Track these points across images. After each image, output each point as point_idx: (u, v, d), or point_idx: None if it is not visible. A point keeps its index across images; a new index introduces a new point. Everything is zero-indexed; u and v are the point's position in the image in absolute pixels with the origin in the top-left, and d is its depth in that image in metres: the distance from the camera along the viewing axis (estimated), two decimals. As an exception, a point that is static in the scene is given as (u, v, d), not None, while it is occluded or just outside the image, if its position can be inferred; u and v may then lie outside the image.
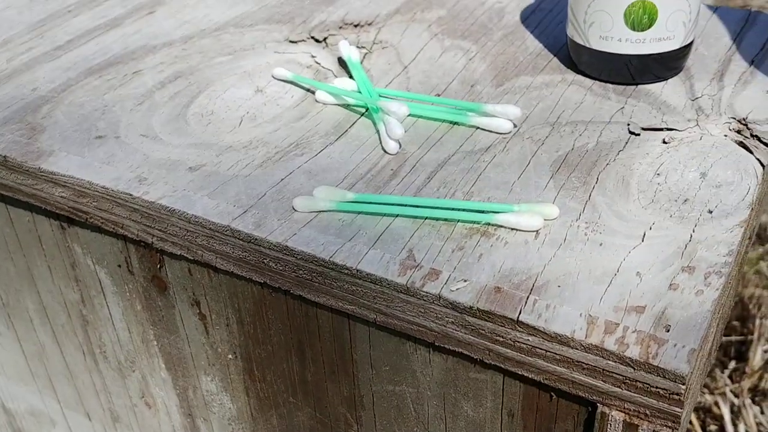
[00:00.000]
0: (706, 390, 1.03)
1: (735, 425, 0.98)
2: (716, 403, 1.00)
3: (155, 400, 0.62)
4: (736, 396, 1.01)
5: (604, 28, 0.55)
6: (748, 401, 0.99)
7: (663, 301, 0.40)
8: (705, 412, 1.01)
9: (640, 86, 0.58)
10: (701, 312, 0.39)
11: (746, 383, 1.03)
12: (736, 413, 0.99)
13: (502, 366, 0.41)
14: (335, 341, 0.48)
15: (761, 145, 0.51)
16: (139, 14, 0.71)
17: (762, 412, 0.99)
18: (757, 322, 1.12)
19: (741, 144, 0.51)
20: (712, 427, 0.99)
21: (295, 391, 0.52)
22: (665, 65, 0.57)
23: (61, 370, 0.67)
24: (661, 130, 0.53)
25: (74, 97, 0.59)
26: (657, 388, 0.37)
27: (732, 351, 1.11)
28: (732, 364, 1.07)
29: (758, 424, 0.97)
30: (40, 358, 0.68)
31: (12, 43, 0.67)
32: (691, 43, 0.57)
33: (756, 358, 1.06)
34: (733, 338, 1.11)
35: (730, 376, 1.06)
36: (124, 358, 0.60)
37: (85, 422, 0.70)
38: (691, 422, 0.99)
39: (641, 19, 0.54)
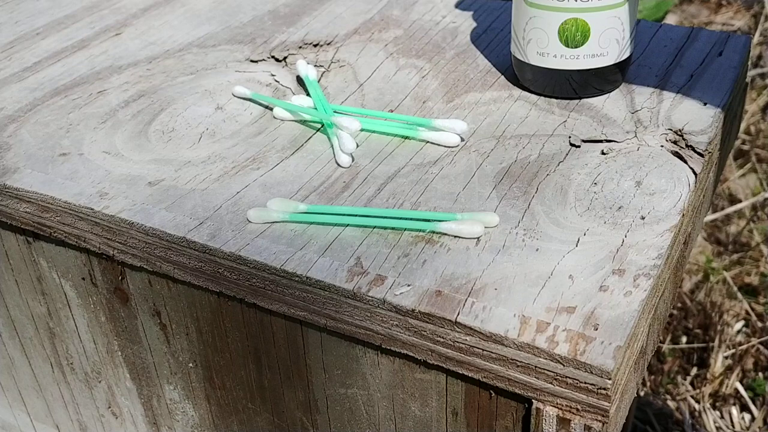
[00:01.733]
0: (668, 396, 1.06)
1: (696, 430, 1.00)
2: (677, 409, 1.03)
3: (121, 410, 0.63)
4: (697, 402, 1.04)
5: (541, 45, 0.58)
6: (708, 406, 1.02)
7: (593, 302, 0.42)
8: (667, 418, 1.03)
9: (582, 101, 0.60)
10: (629, 311, 0.42)
11: (707, 389, 1.05)
12: (696, 418, 1.02)
13: (444, 366, 0.44)
14: (289, 347, 0.50)
15: (695, 154, 0.54)
16: (106, 35, 0.73)
17: (722, 417, 1.02)
18: (719, 329, 1.15)
19: (676, 154, 0.54)
20: (675, 432, 1.02)
21: (254, 397, 0.54)
22: (602, 80, 0.59)
23: (30, 383, 0.69)
24: (601, 141, 0.56)
25: (40, 116, 0.61)
26: (585, 383, 0.40)
27: (694, 358, 1.13)
28: (694, 371, 1.10)
29: (717, 428, 1.00)
30: (9, 372, 0.69)
31: (-20, 64, 0.69)
32: (628, 59, 0.60)
33: (717, 365, 1.09)
34: (696, 345, 1.14)
35: (691, 383, 1.08)
36: (91, 369, 0.62)
37: (54, 434, 0.72)
38: (654, 427, 1.01)
39: (574, 36, 0.57)
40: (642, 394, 1.06)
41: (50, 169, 0.55)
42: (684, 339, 1.16)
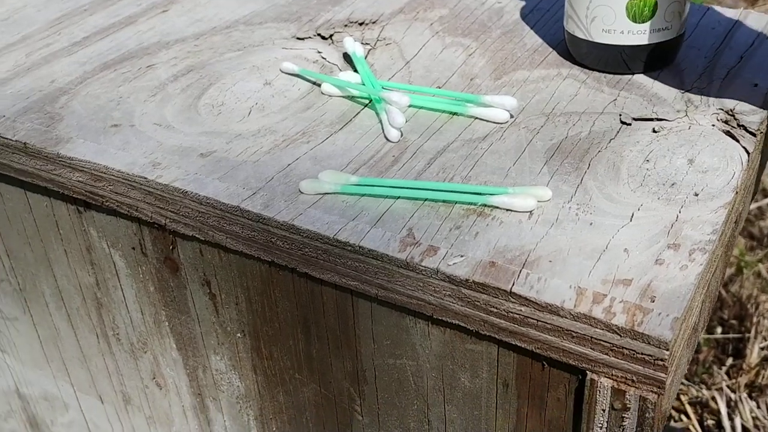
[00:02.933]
0: (703, 386, 1.05)
1: (731, 419, 0.99)
2: (713, 398, 1.02)
3: (166, 381, 0.64)
4: (733, 391, 1.03)
5: (607, 22, 0.57)
6: (744, 396, 1.01)
7: (649, 275, 0.42)
8: (702, 407, 1.03)
9: (632, 80, 0.60)
10: (685, 284, 0.42)
11: (743, 379, 1.05)
12: (732, 408, 1.01)
13: (497, 336, 0.44)
14: (339, 317, 0.50)
15: (747, 134, 0.54)
16: (153, 12, 0.74)
17: (758, 407, 1.01)
18: (755, 320, 1.14)
19: (728, 133, 0.54)
20: (710, 422, 1.01)
21: (301, 368, 0.54)
22: (665, 54, 0.59)
23: (75, 353, 0.69)
24: (652, 120, 0.55)
25: (90, 89, 0.62)
26: (642, 354, 0.40)
27: (730, 348, 1.13)
28: (729, 361, 1.09)
29: (754, 418, 0.99)
30: (54, 343, 0.70)
31: (31, 38, 0.70)
32: (683, 34, 0.60)
33: (753, 355, 1.08)
34: (731, 336, 1.13)
35: (727, 373, 1.08)
36: (137, 339, 0.63)
37: (97, 405, 0.72)
38: (688, 417, 1.01)
39: (642, 11, 0.57)
40: (676, 383, 1.05)
41: (102, 139, 0.55)
42: (719, 329, 1.15)
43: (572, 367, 0.43)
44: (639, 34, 0.57)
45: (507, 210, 0.47)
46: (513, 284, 0.42)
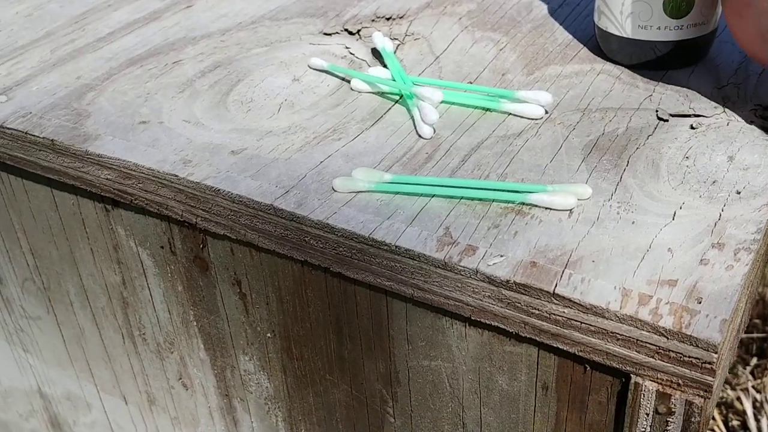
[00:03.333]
0: (728, 386, 1.04)
1: (757, 420, 0.98)
2: (738, 399, 1.01)
3: (193, 382, 0.63)
4: (758, 392, 1.02)
5: (644, 18, 0.56)
6: (770, 396, 1.00)
7: (694, 276, 0.41)
8: (727, 408, 1.02)
9: (667, 75, 0.59)
10: (732, 285, 0.41)
11: (768, 379, 1.03)
12: (758, 408, 1.00)
13: (537, 339, 0.43)
14: (372, 318, 0.49)
15: (788, 130, 0.53)
16: (178, 8, 0.73)
17: (784, 407, 1.00)
18: (780, 319, 1.13)
19: (767, 129, 0.53)
20: (735, 423, 1.00)
21: (332, 369, 0.54)
22: (698, 50, 0.58)
23: (99, 353, 0.69)
24: (689, 116, 0.54)
25: (117, 85, 0.61)
26: (690, 357, 0.39)
27: (754, 348, 1.11)
28: (754, 361, 1.08)
29: (781, 418, 0.98)
30: (78, 342, 0.70)
31: (55, 34, 0.69)
32: (717, 28, 0.59)
33: (778, 355, 1.07)
34: (755, 335, 1.12)
35: (752, 372, 1.06)
36: (163, 339, 0.62)
37: (121, 405, 0.72)
38: (714, 417, 1.00)
39: (680, 6, 0.56)
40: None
41: (131, 136, 0.55)
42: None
43: (616, 370, 0.42)
44: (676, 30, 0.56)
45: (546, 208, 0.46)
46: (556, 285, 0.41)
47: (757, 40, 0.53)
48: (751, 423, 0.98)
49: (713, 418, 0.99)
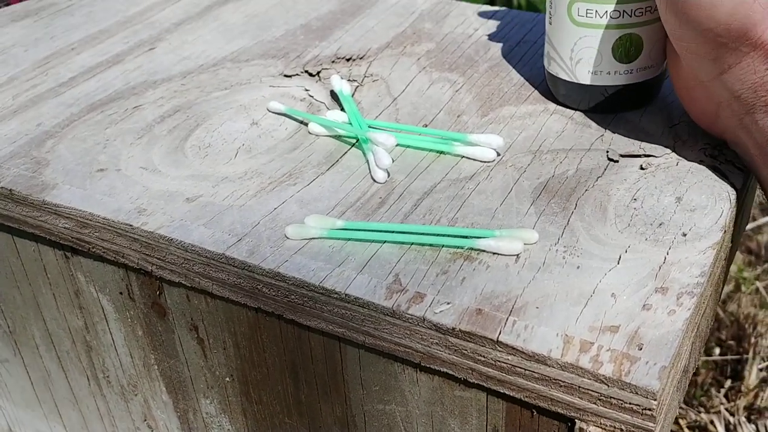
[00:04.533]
0: (702, 409, 1.05)
1: (730, 444, 0.99)
2: (712, 422, 1.01)
3: (157, 423, 0.64)
4: (732, 414, 1.03)
5: (594, 64, 0.57)
6: (743, 419, 1.01)
7: (636, 321, 0.42)
8: (701, 431, 1.02)
9: (619, 115, 0.60)
10: (673, 330, 0.41)
11: (742, 402, 1.04)
12: (731, 431, 1.01)
13: (485, 384, 0.43)
14: (327, 363, 0.50)
15: (735, 169, 0.53)
16: (140, 50, 0.74)
17: (757, 430, 1.01)
18: (753, 341, 1.14)
19: (716, 169, 0.54)
20: (708, 446, 1.00)
21: (291, 412, 0.54)
22: (647, 92, 0.59)
23: (66, 395, 0.69)
24: (639, 156, 0.55)
25: (77, 132, 0.61)
26: (630, 404, 0.39)
27: (728, 370, 1.12)
28: (728, 383, 1.09)
29: (753, 442, 0.99)
30: (45, 384, 0.70)
31: (18, 80, 0.70)
32: (665, 71, 0.60)
33: (751, 377, 1.08)
34: (729, 357, 1.13)
35: (726, 395, 1.07)
36: (127, 382, 0.62)
37: (89, 446, 0.72)
38: (687, 441, 1.00)
39: (628, 52, 0.56)
40: (674, 406, 1.05)
41: (88, 184, 0.55)
42: (717, 350, 1.15)
43: (561, 416, 0.42)
44: (626, 74, 0.57)
45: (494, 254, 0.47)
46: (500, 333, 0.42)
47: (709, 116, 0.54)
48: (724, 447, 0.99)
49: (686, 443, 1.00)
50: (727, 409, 1.04)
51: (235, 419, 0.58)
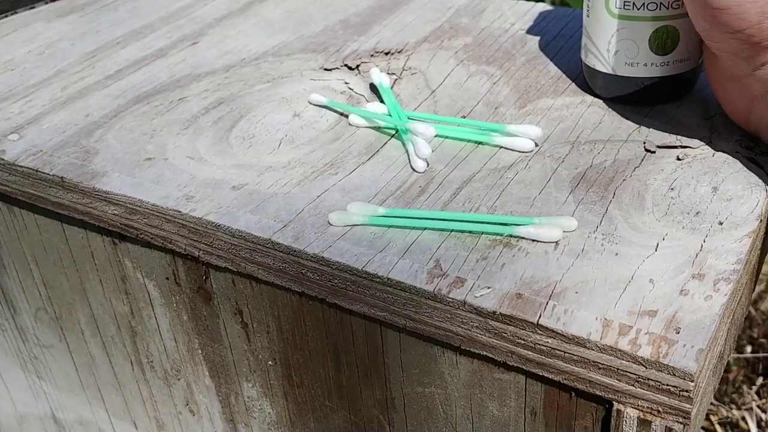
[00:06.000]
0: (733, 406, 1.05)
1: (762, 440, 0.99)
2: (743, 419, 1.02)
3: (199, 408, 0.65)
4: (763, 411, 1.03)
5: (630, 55, 0.58)
6: (775, 416, 1.01)
7: (674, 306, 0.43)
8: (732, 427, 1.02)
9: (656, 107, 0.61)
10: (710, 315, 0.42)
11: (774, 399, 1.04)
12: (762, 428, 1.01)
13: (524, 367, 0.44)
14: (368, 346, 0.51)
15: (771, 161, 0.54)
16: (183, 45, 0.76)
17: (789, 427, 1.01)
18: (785, 339, 1.13)
19: (752, 160, 0.54)
20: (740, 442, 1.01)
21: (331, 395, 0.55)
22: (684, 85, 0.60)
23: (109, 380, 0.71)
24: (676, 147, 0.56)
25: (124, 123, 0.63)
26: (668, 385, 0.40)
27: (760, 368, 1.12)
28: (760, 381, 1.08)
29: (785, 438, 0.99)
30: (90, 369, 0.72)
31: (65, 72, 0.72)
32: (702, 63, 0.60)
33: (784, 375, 1.08)
34: (761, 355, 1.12)
35: (757, 392, 1.07)
36: (170, 367, 0.64)
37: (131, 430, 0.74)
38: (718, 437, 1.01)
39: (665, 43, 0.57)
40: (706, 403, 1.05)
41: (137, 172, 0.57)
42: (749, 348, 1.14)
43: (599, 398, 0.43)
44: (662, 66, 0.58)
45: (533, 240, 0.48)
46: (540, 316, 0.43)
47: (744, 110, 0.55)
48: (756, 443, 0.99)
49: (718, 439, 1.00)
50: (759, 406, 1.04)
51: (276, 402, 0.59)
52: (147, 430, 0.72)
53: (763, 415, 1.02)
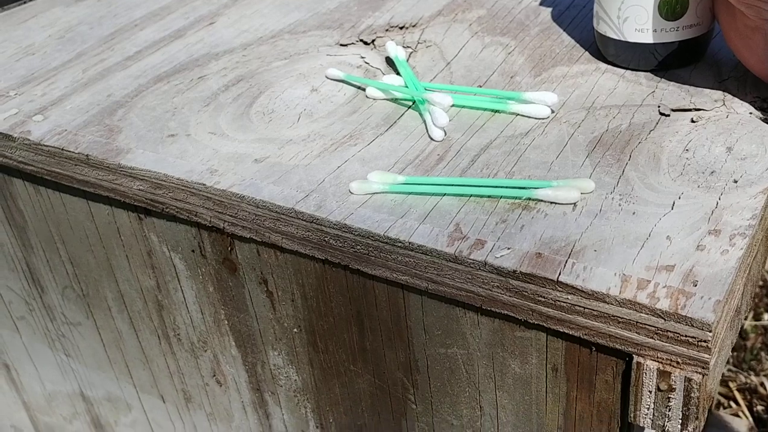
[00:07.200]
0: (752, 372, 1.05)
1: (781, 405, 1.00)
2: (762, 384, 1.02)
3: (226, 378, 0.67)
4: (782, 378, 1.03)
5: (640, 21, 0.59)
6: (793, 382, 1.02)
7: (691, 261, 0.44)
8: (751, 393, 1.03)
9: (669, 72, 0.61)
10: (726, 268, 0.43)
11: (791, 365, 1.05)
12: (781, 394, 1.02)
13: (545, 324, 0.46)
14: (391, 310, 0.52)
15: (785, 121, 0.55)
16: (200, 25, 0.77)
17: (807, 393, 1.01)
18: (802, 307, 1.14)
19: (765, 120, 0.55)
20: (759, 408, 1.01)
21: (356, 360, 0.57)
22: (696, 49, 0.61)
23: (137, 355, 0.73)
24: (690, 110, 0.57)
25: (146, 102, 0.65)
26: (686, 336, 0.41)
27: (777, 335, 1.13)
28: (777, 348, 1.09)
29: (804, 403, 1.00)
30: (117, 345, 0.73)
31: (86, 55, 0.73)
32: (713, 29, 0.61)
33: (801, 342, 1.08)
34: (778, 323, 1.13)
35: (775, 360, 1.08)
36: (197, 339, 0.66)
37: (159, 404, 0.76)
38: (737, 403, 1.01)
39: (674, 9, 0.58)
40: (725, 371, 1.06)
41: (160, 149, 0.58)
42: (766, 316, 1.15)
43: (619, 351, 0.44)
44: (672, 32, 0.59)
45: (551, 203, 0.49)
46: (560, 274, 0.44)
47: (765, 60, 0.55)
48: (775, 409, 0.99)
49: (737, 404, 1.01)
50: (777, 373, 1.04)
51: (302, 369, 0.61)
52: (174, 403, 0.74)
53: (781, 382, 1.02)
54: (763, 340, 1.11)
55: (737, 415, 1.00)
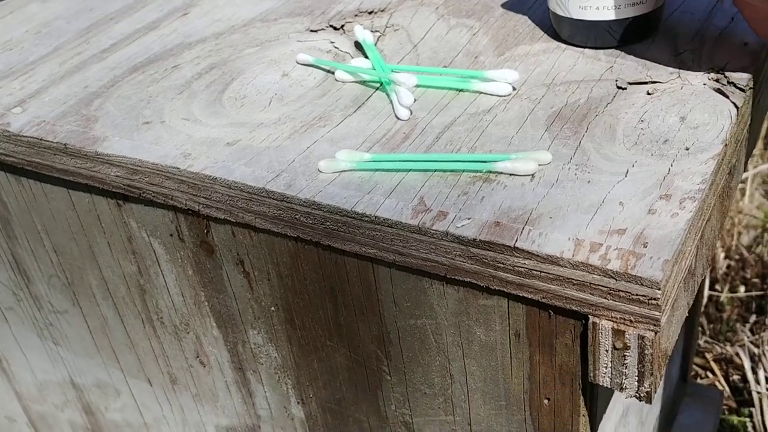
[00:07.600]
0: (728, 343, 1.08)
1: (755, 373, 1.02)
2: (737, 354, 1.05)
3: (209, 359, 0.69)
4: (756, 346, 1.06)
5: None
6: (767, 350, 1.04)
7: (642, 224, 0.46)
8: (727, 363, 1.06)
9: (628, 47, 0.63)
10: (676, 230, 0.45)
11: (766, 335, 1.07)
12: (756, 362, 1.04)
13: (506, 290, 0.48)
14: (362, 284, 0.54)
15: (737, 90, 0.57)
16: (174, 16, 0.78)
17: (782, 360, 1.04)
18: (777, 277, 1.16)
19: (718, 91, 0.57)
20: (735, 377, 1.04)
21: (332, 335, 0.59)
22: (642, 26, 0.62)
23: (123, 340, 0.75)
24: (646, 83, 0.59)
25: (122, 91, 0.66)
26: (637, 295, 0.43)
27: (753, 306, 1.15)
28: (752, 318, 1.12)
29: (778, 370, 1.02)
30: (103, 331, 0.75)
31: (62, 48, 0.75)
32: (662, 6, 0.63)
33: (776, 311, 1.11)
34: (754, 293, 1.15)
35: (751, 329, 1.10)
36: (179, 321, 0.68)
37: (146, 388, 0.77)
38: (714, 373, 1.04)
39: None
40: (702, 342, 1.08)
41: (136, 136, 0.60)
42: (742, 288, 1.18)
43: (575, 313, 0.46)
44: (614, 9, 0.60)
45: (511, 175, 0.51)
46: (516, 240, 0.46)
47: None
48: (750, 376, 1.02)
49: (714, 374, 1.04)
50: (752, 342, 1.07)
51: (281, 347, 0.63)
52: (161, 386, 0.76)
53: (756, 350, 1.05)
54: (738, 312, 1.13)
55: (714, 386, 1.02)
